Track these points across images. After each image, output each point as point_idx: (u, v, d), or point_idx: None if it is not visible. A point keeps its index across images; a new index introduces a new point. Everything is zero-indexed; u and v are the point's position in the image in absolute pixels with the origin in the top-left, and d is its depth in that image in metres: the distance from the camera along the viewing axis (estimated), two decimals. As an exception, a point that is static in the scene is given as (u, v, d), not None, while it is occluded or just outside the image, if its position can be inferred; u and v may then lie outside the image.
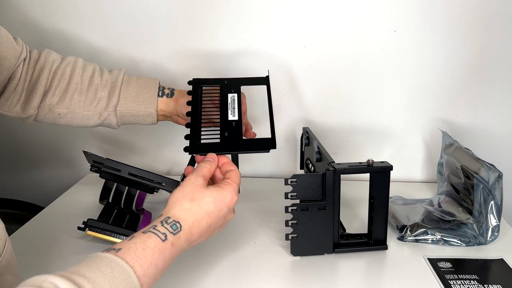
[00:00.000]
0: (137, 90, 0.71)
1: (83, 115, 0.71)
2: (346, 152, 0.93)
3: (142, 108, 0.71)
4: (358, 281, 0.60)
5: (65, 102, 0.69)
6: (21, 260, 0.64)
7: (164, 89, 0.73)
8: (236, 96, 0.67)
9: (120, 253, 0.42)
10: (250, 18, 0.84)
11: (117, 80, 0.71)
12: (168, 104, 0.72)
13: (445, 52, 0.84)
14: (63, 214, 0.79)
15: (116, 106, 0.71)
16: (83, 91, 0.70)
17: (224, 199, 0.53)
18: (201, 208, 0.51)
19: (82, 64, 0.72)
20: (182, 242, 0.49)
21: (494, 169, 0.66)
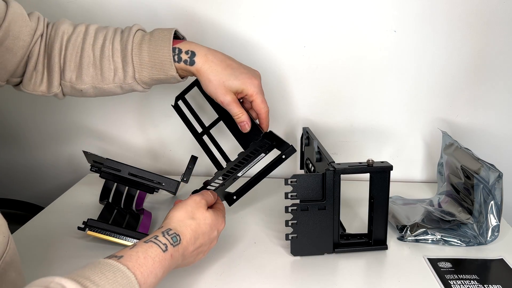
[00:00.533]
0: (150, 55, 0.63)
1: (105, 88, 0.65)
2: (346, 152, 0.93)
3: (162, 73, 0.64)
4: (358, 281, 0.60)
5: (82, 77, 0.64)
6: (22, 260, 0.64)
7: (181, 53, 0.63)
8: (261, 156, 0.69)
9: (122, 260, 0.44)
10: (250, 18, 0.84)
11: (127, 47, 0.63)
12: (188, 71, 0.64)
13: (445, 52, 0.84)
14: (63, 214, 0.79)
15: (134, 76, 0.64)
16: (96, 64, 0.64)
17: (217, 223, 0.58)
18: (200, 227, 0.55)
19: (94, 31, 0.65)
20: (179, 255, 0.51)
21: (494, 169, 0.66)
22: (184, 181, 0.80)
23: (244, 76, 0.64)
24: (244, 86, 0.64)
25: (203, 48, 0.64)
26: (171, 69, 0.63)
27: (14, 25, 0.59)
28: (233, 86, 0.63)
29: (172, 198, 0.86)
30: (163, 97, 0.92)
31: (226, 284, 0.59)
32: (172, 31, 0.64)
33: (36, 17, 0.64)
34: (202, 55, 0.63)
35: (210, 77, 0.63)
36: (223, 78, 0.63)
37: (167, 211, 0.80)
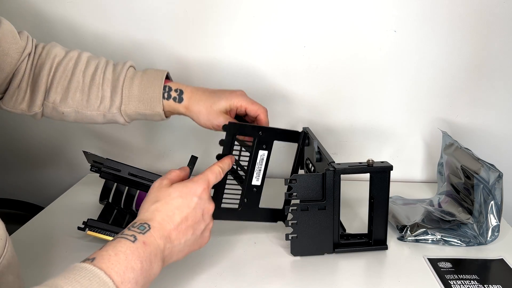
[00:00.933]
0: (140, 90, 0.66)
1: (87, 114, 0.67)
2: (346, 152, 0.93)
3: (148, 108, 0.66)
4: (358, 281, 0.60)
5: (67, 101, 0.66)
6: (21, 260, 0.64)
7: (171, 91, 0.67)
8: (266, 155, 0.65)
9: (95, 262, 0.42)
10: (250, 18, 0.84)
11: (119, 79, 0.66)
12: (176, 109, 0.67)
13: (446, 52, 0.84)
14: (63, 214, 0.79)
15: (119, 107, 0.66)
16: (85, 90, 0.66)
17: (190, 190, 0.52)
18: (168, 204, 0.50)
19: (86, 59, 0.67)
20: (157, 239, 0.47)
21: (494, 169, 0.66)
22: (184, 181, 0.80)
23: (227, 94, 0.67)
24: (230, 101, 0.66)
25: (190, 86, 0.68)
26: (159, 105, 0.66)
27: (5, 42, 0.61)
28: (220, 106, 0.66)
29: (172, 198, 0.86)
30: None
31: (226, 284, 0.59)
32: (165, 72, 0.68)
33: (25, 36, 0.66)
34: (189, 92, 0.67)
35: (198, 108, 0.66)
36: (209, 103, 0.66)
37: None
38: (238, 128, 0.63)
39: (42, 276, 0.61)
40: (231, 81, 0.90)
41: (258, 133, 0.64)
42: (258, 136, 0.64)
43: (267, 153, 0.65)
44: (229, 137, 0.63)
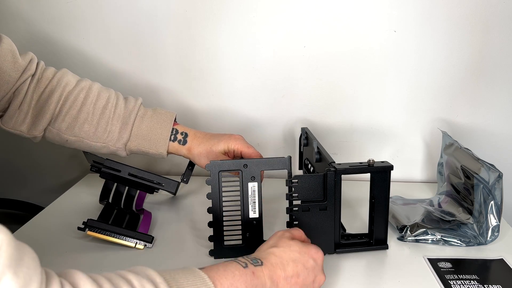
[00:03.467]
0: (150, 130, 0.70)
1: (92, 145, 0.69)
2: (345, 152, 0.93)
3: (153, 148, 0.71)
4: (359, 281, 0.60)
5: (74, 130, 0.67)
6: (22, 261, 0.64)
7: (177, 134, 0.71)
8: (257, 186, 0.63)
9: (203, 270, 0.44)
10: (250, 18, 0.84)
11: (130, 116, 0.69)
12: (179, 151, 0.72)
13: (445, 52, 0.84)
14: (63, 214, 0.79)
15: (126, 143, 0.70)
16: (93, 122, 0.68)
17: (309, 251, 0.52)
18: (286, 254, 0.50)
19: (97, 90, 0.69)
20: (265, 276, 0.47)
21: (494, 169, 0.66)
22: (184, 181, 0.80)
23: (225, 137, 0.71)
24: (228, 144, 0.70)
25: (193, 130, 0.73)
26: (163, 146, 0.70)
27: (3, 60, 0.62)
28: (219, 148, 0.70)
29: (172, 198, 0.86)
30: (163, 97, 0.92)
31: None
32: (174, 114, 0.73)
33: (29, 57, 0.66)
34: (192, 135, 0.72)
35: (199, 150, 0.70)
36: (209, 145, 0.70)
37: (167, 211, 0.81)
38: (221, 164, 0.62)
39: (43, 276, 0.61)
40: (231, 81, 0.90)
41: (243, 166, 0.63)
42: (243, 170, 0.63)
43: (257, 184, 0.63)
44: (214, 175, 0.62)
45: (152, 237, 0.68)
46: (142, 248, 0.67)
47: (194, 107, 0.92)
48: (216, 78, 0.90)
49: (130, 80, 0.91)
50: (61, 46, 0.89)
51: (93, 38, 0.88)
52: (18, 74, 0.63)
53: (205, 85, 0.90)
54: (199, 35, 0.86)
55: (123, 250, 0.66)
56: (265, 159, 0.64)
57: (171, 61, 0.89)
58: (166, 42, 0.88)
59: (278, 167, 0.63)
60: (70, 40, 0.89)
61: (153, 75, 0.90)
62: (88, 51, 0.89)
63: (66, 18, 0.87)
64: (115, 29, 0.87)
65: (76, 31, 0.88)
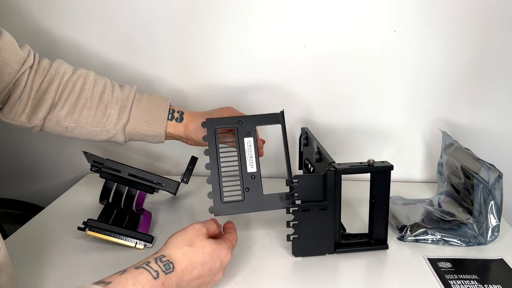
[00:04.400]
0: (148, 111, 0.71)
1: (91, 130, 0.70)
2: (346, 152, 0.93)
3: (152, 129, 0.71)
4: (359, 281, 0.60)
5: (73, 116, 0.68)
6: (22, 260, 0.64)
7: (174, 112, 0.72)
8: (252, 141, 0.65)
9: (110, 286, 0.42)
10: (250, 18, 0.84)
11: (128, 99, 0.71)
12: (177, 128, 0.72)
13: (445, 52, 0.84)
14: (63, 214, 0.79)
15: (125, 125, 0.70)
16: (92, 106, 0.69)
17: (220, 254, 0.54)
18: (198, 256, 0.51)
19: (93, 77, 0.70)
20: (173, 283, 0.48)
21: (494, 169, 0.66)
22: (184, 181, 0.80)
23: (219, 109, 0.73)
24: (222, 114, 0.70)
25: (188, 110, 0.74)
26: (162, 126, 0.71)
27: (5, 52, 0.62)
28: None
29: (172, 198, 0.86)
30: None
31: (227, 284, 0.59)
32: (169, 98, 0.74)
33: (27, 49, 0.67)
34: (187, 113, 0.73)
35: (195, 123, 0.71)
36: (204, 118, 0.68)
37: (167, 211, 0.81)
38: (216, 121, 0.66)
39: (42, 276, 0.61)
40: (231, 81, 0.90)
41: (237, 123, 0.66)
42: (238, 126, 0.66)
43: (253, 139, 0.66)
44: (211, 132, 0.65)
45: (152, 237, 0.68)
46: (142, 248, 0.67)
47: (194, 107, 0.92)
48: (216, 78, 0.90)
49: (129, 81, 0.91)
50: (60, 41, 0.89)
51: (93, 38, 0.88)
52: (19, 65, 0.64)
53: (205, 85, 0.90)
54: (199, 35, 0.86)
55: (123, 250, 0.67)
56: (258, 115, 0.67)
57: (170, 60, 0.89)
58: (166, 42, 0.88)
59: (272, 122, 0.67)
60: (69, 37, 0.89)
61: (153, 74, 0.90)
62: (87, 51, 0.89)
63: (65, 14, 0.87)
64: (115, 29, 0.87)
65: (75, 27, 0.88)
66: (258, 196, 0.64)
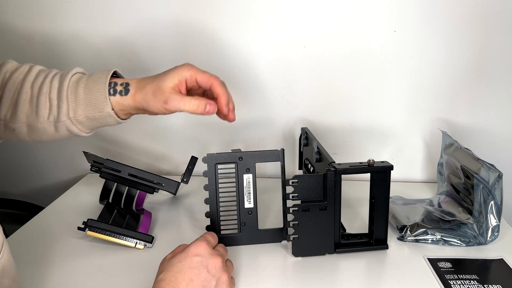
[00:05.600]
0: (86, 92, 0.60)
1: (39, 127, 0.61)
2: (345, 152, 0.93)
3: (97, 110, 0.60)
4: (359, 281, 0.60)
5: (16, 115, 0.60)
6: (22, 260, 0.64)
7: (116, 86, 0.60)
8: (251, 178, 0.66)
9: None
10: (250, 18, 0.84)
11: (63, 84, 0.60)
12: (124, 104, 0.60)
13: (445, 52, 0.84)
14: (63, 214, 0.79)
15: (68, 114, 0.60)
16: (33, 100, 0.60)
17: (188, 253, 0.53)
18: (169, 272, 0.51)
19: (37, 71, 0.62)
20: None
21: (494, 169, 0.66)
22: (184, 181, 0.80)
23: (172, 70, 0.60)
24: (178, 75, 0.59)
25: (136, 78, 0.62)
26: (106, 105, 0.60)
27: None
28: (167, 83, 0.59)
29: (172, 198, 0.86)
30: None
31: (226, 284, 0.59)
32: (111, 70, 0.62)
33: None
34: (135, 82, 0.61)
35: (144, 91, 0.59)
36: (155, 84, 0.59)
37: (167, 211, 0.81)
38: (217, 157, 0.65)
39: (42, 276, 0.61)
40: (231, 81, 0.90)
41: (238, 159, 0.66)
42: (239, 162, 0.66)
43: (252, 175, 0.66)
44: (211, 167, 0.65)
45: (152, 237, 0.68)
46: (142, 248, 0.67)
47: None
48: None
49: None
50: (60, 41, 0.89)
51: (93, 37, 0.88)
52: None
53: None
54: (199, 35, 0.86)
55: (123, 250, 0.67)
56: (259, 151, 0.66)
57: (170, 60, 0.89)
58: (165, 41, 0.88)
59: (272, 159, 0.67)
60: (69, 37, 0.89)
61: (151, 74, 0.90)
62: (87, 50, 0.89)
63: (65, 14, 0.87)
64: (115, 28, 0.87)
65: (75, 29, 0.88)
66: (254, 231, 0.68)
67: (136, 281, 0.59)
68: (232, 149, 0.68)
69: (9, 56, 0.65)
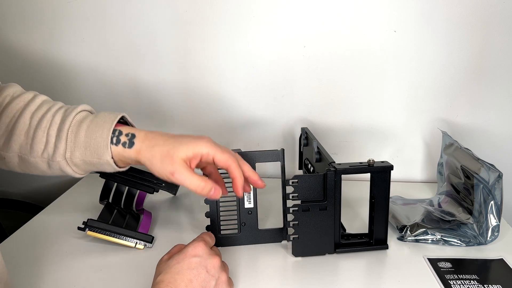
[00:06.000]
0: (87, 135, 0.56)
1: (31, 162, 0.57)
2: (345, 153, 0.93)
3: (95, 156, 0.56)
4: (359, 281, 0.60)
5: (10, 144, 0.56)
6: (21, 260, 0.64)
7: (121, 135, 0.56)
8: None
9: None
10: (250, 18, 0.84)
11: (65, 122, 0.56)
12: (125, 155, 0.56)
13: (445, 52, 0.84)
14: (63, 214, 0.79)
15: (64, 155, 0.56)
16: (30, 133, 0.56)
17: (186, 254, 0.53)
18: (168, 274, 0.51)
19: (40, 101, 0.59)
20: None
21: (494, 169, 0.66)
22: (184, 181, 0.80)
23: (189, 139, 0.55)
24: (194, 148, 0.54)
25: (144, 130, 0.57)
26: (106, 152, 0.55)
27: None
28: (180, 152, 0.53)
29: (172, 198, 0.86)
30: (161, 96, 0.92)
31: (227, 284, 0.59)
32: (119, 115, 0.58)
33: None
34: (142, 135, 0.56)
35: (152, 153, 0.54)
36: (166, 148, 0.54)
37: (167, 211, 0.81)
38: None
39: (42, 276, 0.61)
40: (231, 81, 0.90)
41: None
42: None
43: None
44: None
45: (152, 237, 0.68)
46: (142, 248, 0.67)
47: (193, 107, 0.92)
48: (215, 77, 0.90)
49: (127, 79, 0.90)
50: (60, 41, 0.89)
51: (93, 36, 0.88)
52: None
53: (205, 85, 0.90)
54: (199, 35, 0.86)
55: (123, 250, 0.67)
56: (259, 151, 0.66)
57: (170, 60, 0.89)
58: (165, 41, 0.88)
59: (272, 159, 0.67)
60: (69, 37, 0.89)
61: (152, 74, 0.90)
62: (86, 49, 0.89)
63: (65, 14, 0.87)
64: (114, 28, 0.87)
65: (74, 30, 0.88)
66: (254, 231, 0.68)
67: (136, 281, 0.59)
68: (232, 149, 0.68)
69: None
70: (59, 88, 0.93)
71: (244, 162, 0.59)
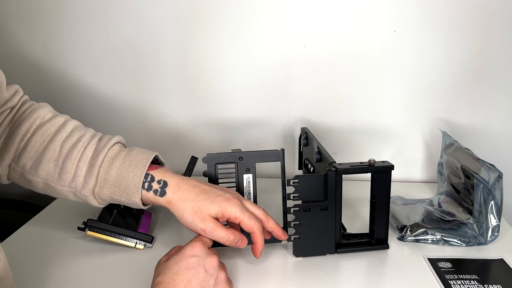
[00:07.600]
0: (119, 174, 0.57)
1: (57, 189, 0.59)
2: (346, 152, 0.93)
3: (123, 195, 0.58)
4: (359, 281, 0.60)
5: (38, 169, 0.58)
6: (21, 260, 0.64)
7: (153, 181, 0.57)
8: (251, 178, 0.66)
9: None
10: (250, 18, 0.84)
11: (98, 157, 0.58)
12: (155, 202, 0.59)
13: (445, 52, 0.84)
14: (63, 214, 0.79)
15: (93, 190, 0.58)
16: (59, 161, 0.57)
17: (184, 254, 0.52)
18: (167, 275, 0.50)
19: (71, 127, 0.60)
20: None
21: (494, 169, 0.66)
22: (185, 181, 0.80)
23: (220, 198, 0.57)
24: (223, 210, 0.56)
25: (176, 177, 0.59)
26: (136, 195, 0.57)
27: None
28: (211, 210, 0.56)
29: (172, 198, 0.86)
30: (163, 97, 0.92)
31: (227, 284, 0.59)
32: (152, 155, 0.60)
33: (14, 89, 0.61)
34: (174, 185, 0.58)
35: (184, 207, 0.57)
36: (198, 204, 0.56)
37: (167, 211, 0.80)
38: (216, 157, 0.65)
39: (42, 276, 0.61)
40: (231, 81, 0.90)
41: (238, 159, 0.66)
42: (238, 162, 0.66)
43: (252, 175, 0.66)
44: (211, 167, 0.65)
45: (152, 237, 0.68)
46: (142, 248, 0.67)
47: (193, 106, 0.92)
48: (215, 77, 0.89)
49: (128, 80, 0.91)
50: (59, 41, 0.89)
51: (92, 36, 0.88)
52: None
53: (205, 85, 0.90)
54: (199, 35, 0.86)
55: (123, 250, 0.67)
56: (259, 151, 0.66)
57: (170, 60, 0.89)
58: (165, 41, 0.87)
59: (272, 159, 0.66)
60: (69, 37, 0.89)
61: (151, 74, 0.90)
62: (86, 49, 0.89)
63: (65, 14, 0.87)
64: (114, 28, 0.87)
65: (75, 27, 0.88)
66: None
67: (136, 281, 0.59)
68: (232, 149, 0.68)
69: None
70: (59, 88, 0.93)
71: (269, 218, 0.60)
